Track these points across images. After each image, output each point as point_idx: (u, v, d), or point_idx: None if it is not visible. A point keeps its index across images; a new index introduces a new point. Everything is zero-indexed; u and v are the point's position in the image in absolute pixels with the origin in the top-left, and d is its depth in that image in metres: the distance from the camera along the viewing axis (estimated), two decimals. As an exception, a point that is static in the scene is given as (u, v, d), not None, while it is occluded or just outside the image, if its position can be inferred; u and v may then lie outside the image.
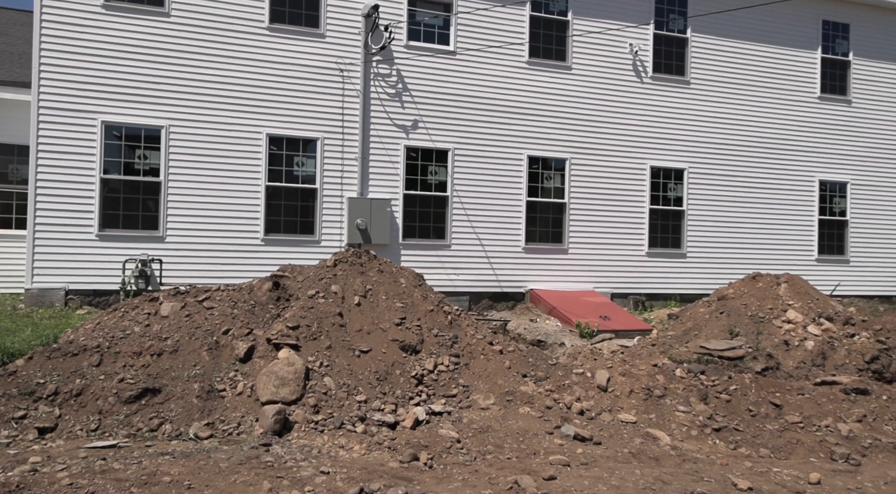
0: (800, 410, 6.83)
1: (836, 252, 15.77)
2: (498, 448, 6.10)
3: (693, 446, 6.33)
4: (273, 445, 5.88)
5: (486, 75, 13.02)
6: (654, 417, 6.79)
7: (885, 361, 9.83)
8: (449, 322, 8.39)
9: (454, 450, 6.01)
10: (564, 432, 6.45)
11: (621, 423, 6.74)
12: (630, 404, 7.01)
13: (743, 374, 7.47)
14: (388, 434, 6.35)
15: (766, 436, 6.50)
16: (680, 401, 6.93)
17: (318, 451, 5.90)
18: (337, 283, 8.28)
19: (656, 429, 6.58)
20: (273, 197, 11.77)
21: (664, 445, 6.28)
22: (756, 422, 6.72)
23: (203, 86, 11.32)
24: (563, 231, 13.56)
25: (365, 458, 5.83)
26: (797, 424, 6.63)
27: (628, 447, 6.20)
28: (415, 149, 12.62)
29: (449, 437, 6.23)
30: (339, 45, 12.10)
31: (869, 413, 6.71)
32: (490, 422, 6.64)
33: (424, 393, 7.44)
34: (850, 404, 6.89)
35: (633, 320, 12.12)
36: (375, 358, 7.61)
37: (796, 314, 10.85)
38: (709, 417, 6.74)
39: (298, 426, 6.41)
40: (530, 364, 7.96)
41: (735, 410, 6.89)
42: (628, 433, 6.53)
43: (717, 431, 6.54)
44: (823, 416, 6.75)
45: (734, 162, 14.89)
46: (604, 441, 6.36)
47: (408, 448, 5.96)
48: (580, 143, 13.67)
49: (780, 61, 15.30)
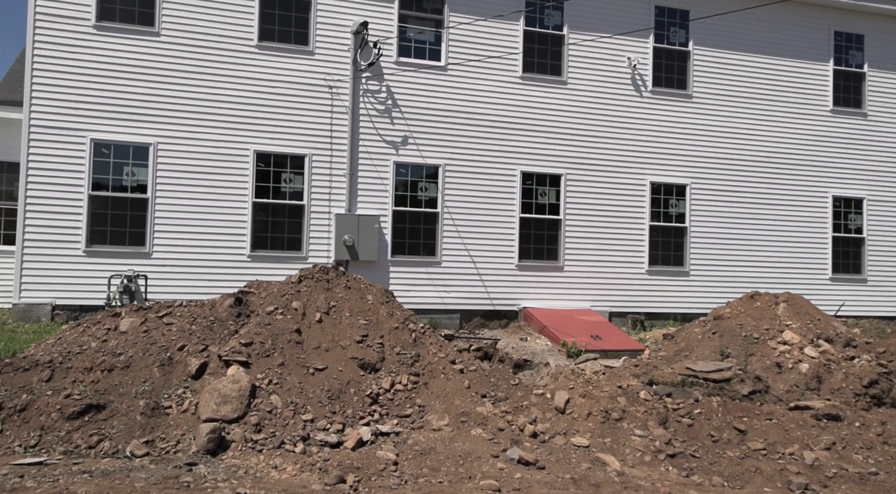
0: (765, 436, 6.44)
1: (851, 271, 15.14)
2: (434, 471, 5.87)
3: (642, 472, 6.01)
4: (199, 464, 5.76)
5: (479, 91, 12.89)
6: (609, 441, 6.49)
7: (885, 386, 9.31)
8: (413, 339, 8.21)
9: (387, 473, 5.80)
10: (509, 455, 6.19)
11: (573, 447, 6.45)
12: (586, 427, 6.72)
13: (711, 398, 7.11)
14: (326, 454, 6.17)
15: (724, 463, 6.14)
16: (638, 425, 6.61)
17: (245, 472, 5.75)
18: (299, 300, 8.17)
19: (607, 454, 6.28)
20: (260, 213, 11.78)
21: (611, 471, 5.97)
22: (716, 448, 6.36)
23: (192, 104, 11.43)
24: (558, 248, 13.28)
25: (292, 479, 5.66)
26: (759, 451, 6.26)
27: (572, 472, 5.92)
28: (405, 165, 12.52)
29: (386, 459, 6.03)
30: (329, 62, 12.12)
31: (839, 441, 6.30)
32: (436, 444, 6.42)
33: (378, 412, 7.26)
34: (821, 430, 6.48)
35: (625, 340, 11.76)
36: (330, 376, 7.46)
37: (793, 335, 10.40)
38: (666, 442, 6.41)
39: (235, 445, 6.28)
40: (491, 384, 7.72)
41: (696, 435, 6.54)
42: (577, 457, 6.24)
43: (672, 457, 6.21)
44: (790, 443, 6.35)
45: (741, 177, 14.45)
46: (549, 465, 6.09)
47: (339, 469, 5.78)
48: (576, 159, 13.42)
49: (789, 74, 14.86)
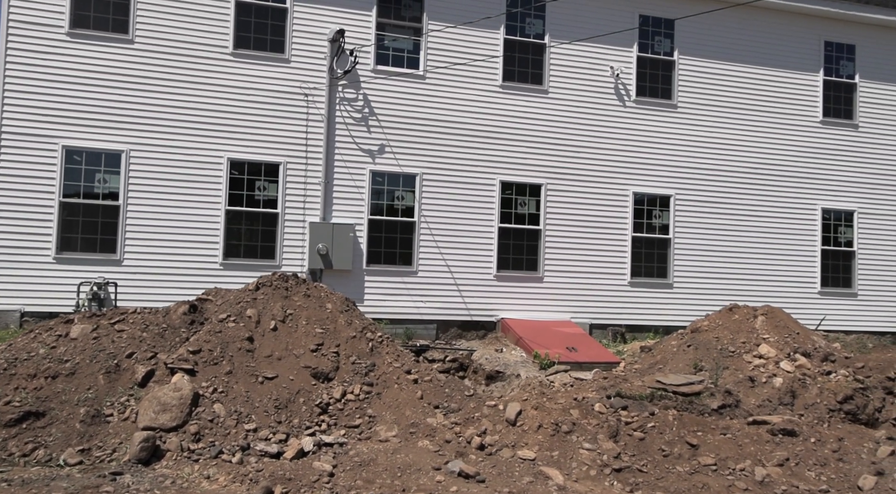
0: (717, 451, 6.23)
1: (841, 284, 14.86)
2: (368, 483, 5.70)
3: (585, 487, 5.81)
4: (125, 474, 5.62)
5: (458, 99, 12.79)
6: (557, 454, 6.30)
7: (861, 402, 9.06)
8: (371, 349, 8.07)
9: (319, 485, 5.64)
10: (450, 468, 6.01)
11: (519, 460, 6.26)
12: (536, 439, 6.53)
13: (668, 411, 6.90)
14: (262, 465, 6.02)
15: (671, 478, 5.93)
16: (587, 438, 6.42)
17: (173, 482, 5.60)
18: (254, 307, 8.05)
19: (552, 468, 6.08)
20: (233, 221, 11.69)
21: (552, 485, 5.78)
22: (666, 463, 6.15)
23: (165, 111, 11.39)
24: (538, 258, 13.11)
25: (219, 490, 5.51)
26: (710, 466, 6.04)
27: (512, 486, 5.73)
28: (381, 173, 12.42)
29: (321, 470, 5.86)
30: (305, 70, 12.07)
31: (793, 457, 6.08)
32: (378, 456, 6.25)
33: (326, 422, 7.11)
34: (775, 446, 6.26)
35: (602, 352, 11.55)
36: (280, 384, 7.32)
37: (769, 349, 10.16)
38: (615, 456, 6.21)
39: (171, 454, 6.14)
40: (446, 395, 7.55)
41: (647, 449, 6.33)
42: (521, 470, 6.05)
43: (618, 471, 6.00)
44: (742, 459, 6.13)
45: (727, 188, 14.24)
46: (490, 478, 5.90)
47: (270, 480, 5.62)
48: (557, 169, 13.27)
49: (777, 84, 14.68)
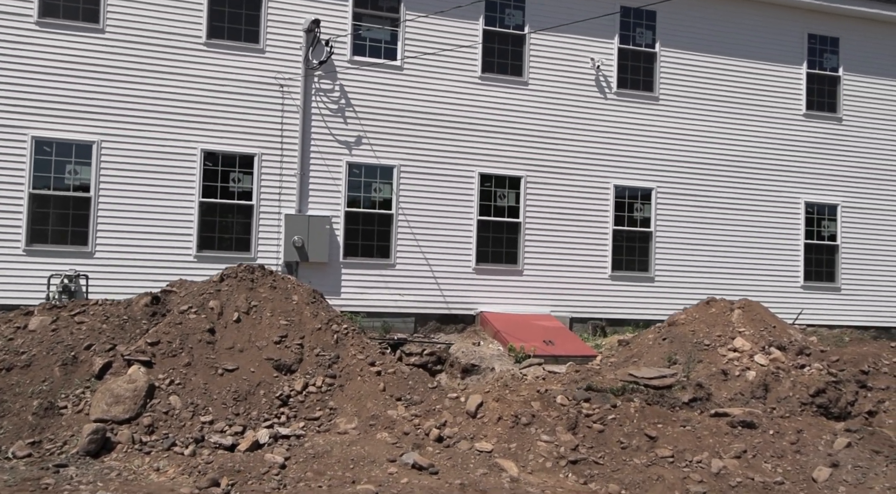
0: (675, 443, 6.15)
1: (825, 279, 14.78)
2: (319, 475, 5.62)
3: (539, 479, 5.73)
4: (70, 466, 5.52)
5: (436, 91, 12.67)
6: (514, 446, 6.21)
7: (833, 395, 8.98)
8: (336, 341, 7.97)
9: (268, 476, 5.55)
10: (405, 460, 5.93)
11: (476, 452, 6.18)
12: (495, 431, 6.44)
13: (630, 403, 6.82)
14: (214, 457, 5.93)
15: (627, 470, 5.85)
16: (546, 430, 6.33)
17: (119, 474, 5.51)
18: (218, 299, 7.94)
19: (507, 460, 6.00)
20: (207, 213, 11.57)
21: (505, 477, 5.70)
22: (624, 455, 6.07)
23: (137, 102, 11.27)
24: (517, 251, 13.01)
25: (164, 482, 5.42)
26: (667, 458, 5.96)
27: (464, 477, 5.65)
28: (358, 165, 12.31)
29: (272, 462, 5.78)
30: (280, 61, 11.94)
31: (750, 449, 5.99)
32: (333, 447, 6.16)
33: (285, 414, 7.02)
34: (733, 438, 6.18)
35: (579, 346, 11.46)
36: (240, 377, 7.22)
37: (744, 342, 10.08)
38: (573, 448, 6.13)
39: (121, 446, 6.05)
40: (409, 387, 7.46)
41: (606, 441, 6.25)
42: (476, 462, 5.97)
43: (574, 463, 5.92)
44: (700, 451, 6.05)
45: (709, 182, 14.14)
46: (444, 470, 5.82)
47: (218, 472, 5.53)
48: (537, 161, 13.16)
49: (760, 77, 14.57)
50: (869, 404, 8.89)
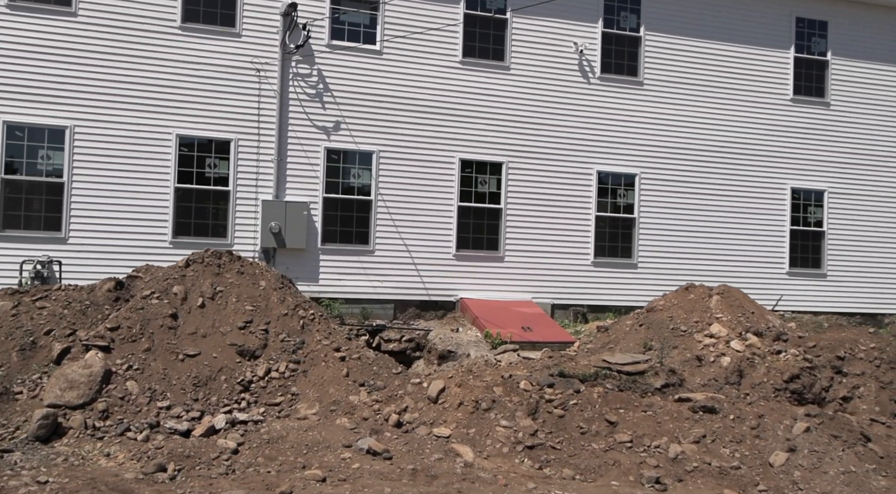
0: (635, 428, 6.07)
1: (810, 265, 14.67)
2: (270, 460, 5.54)
3: (493, 464, 5.65)
4: (15, 452, 5.45)
5: (416, 75, 12.53)
6: (473, 431, 6.14)
7: (807, 381, 8.91)
8: (302, 326, 7.89)
9: (218, 462, 5.48)
10: (359, 445, 5.86)
11: (434, 437, 6.11)
12: (455, 417, 6.37)
13: (594, 389, 6.73)
14: (165, 442, 5.85)
15: (584, 455, 5.78)
16: (506, 416, 6.25)
17: (66, 459, 5.44)
18: (182, 284, 7.85)
19: (464, 445, 5.93)
20: (183, 199, 11.47)
21: (459, 462, 5.62)
22: (583, 440, 5.99)
23: (111, 86, 11.14)
24: (498, 238, 12.91)
25: (111, 468, 5.34)
26: (625, 443, 5.88)
27: (417, 463, 5.57)
28: (336, 151, 12.19)
29: (224, 447, 5.71)
30: (256, 45, 11.80)
31: (710, 434, 5.91)
32: (290, 433, 6.09)
33: (246, 400, 6.94)
34: (694, 423, 6.09)
35: (557, 332, 11.38)
36: (202, 362, 7.15)
37: (721, 328, 9.99)
38: (532, 433, 6.05)
39: (73, 432, 5.97)
40: (373, 372, 7.38)
41: (566, 426, 6.17)
42: (432, 448, 5.90)
43: (531, 448, 5.85)
44: (660, 436, 5.97)
45: (694, 167, 14.01)
46: (398, 455, 5.75)
47: (168, 458, 5.46)
48: (519, 147, 13.03)
49: (747, 61, 14.40)
50: (844, 390, 8.83)
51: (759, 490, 5.18)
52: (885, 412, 8.24)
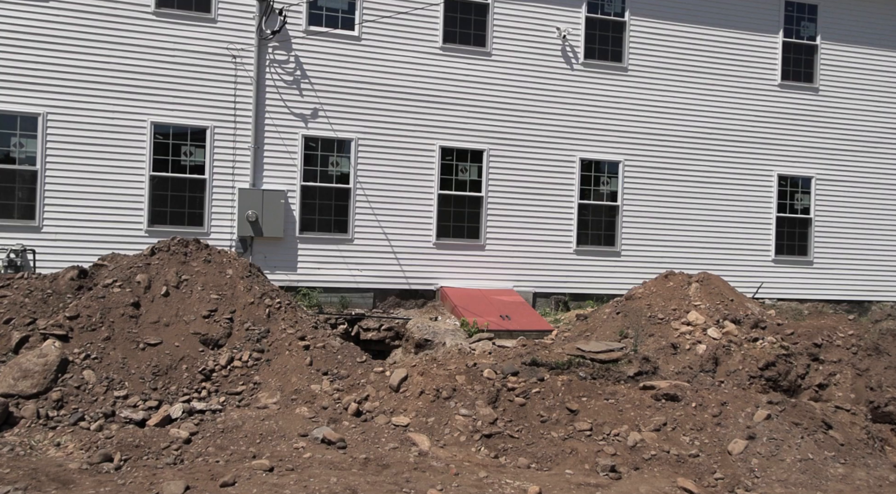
0: (596, 417, 5.97)
1: (797, 252, 14.54)
2: (220, 450, 5.46)
3: (449, 452, 5.56)
4: (-41, 440, 5.36)
5: (395, 62, 12.37)
6: (432, 420, 6.05)
7: (783, 368, 8.83)
8: (268, 315, 7.79)
9: (167, 452, 5.39)
10: (314, 435, 5.77)
11: (392, 426, 6.02)
12: (416, 406, 6.28)
13: (558, 377, 6.63)
14: (116, 432, 5.76)
15: (542, 444, 5.68)
16: (466, 404, 6.16)
17: (12, 449, 5.35)
18: (147, 273, 7.75)
19: (421, 434, 5.84)
20: (159, 187, 11.36)
21: (414, 451, 5.53)
22: (542, 429, 5.90)
23: (84, 73, 11.00)
24: (479, 226, 12.79)
25: (58, 458, 5.26)
26: (584, 431, 5.79)
27: (371, 452, 5.48)
28: (314, 138, 12.05)
29: (177, 437, 5.63)
30: (232, 31, 11.64)
31: (670, 422, 5.81)
32: (246, 422, 6.01)
33: (207, 389, 6.85)
34: (656, 411, 5.99)
35: (535, 320, 11.28)
36: (163, 351, 7.05)
37: (698, 315, 9.90)
38: (491, 422, 5.96)
39: (24, 421, 5.89)
40: (337, 361, 7.29)
41: (526, 415, 6.08)
42: (388, 436, 5.81)
43: (488, 437, 5.75)
44: (620, 424, 5.87)
45: (679, 154, 13.86)
46: (353, 445, 5.66)
47: (117, 447, 5.37)
48: (500, 134, 12.89)
49: (734, 46, 14.21)
50: (820, 377, 8.75)
51: (715, 478, 5.08)
52: (860, 399, 8.15)
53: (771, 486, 4.87)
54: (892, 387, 7.94)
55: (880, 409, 7.81)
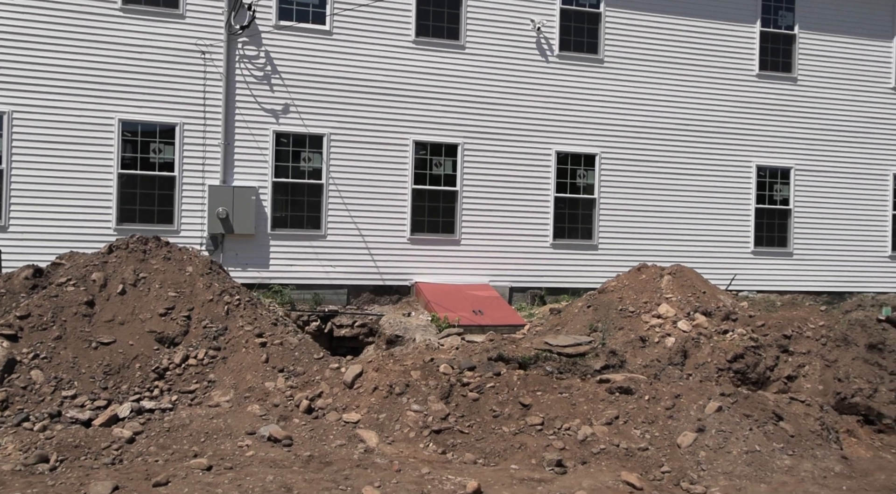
0: (548, 411, 5.89)
1: (777, 244, 14.47)
2: (162, 449, 5.37)
3: (396, 449, 5.48)
4: None
5: (367, 56, 12.26)
6: (384, 416, 5.96)
7: (751, 360, 8.75)
8: (226, 312, 7.70)
9: (107, 452, 5.31)
10: (261, 433, 5.68)
11: (342, 423, 5.93)
12: (368, 402, 6.19)
13: (515, 371, 6.55)
14: (61, 432, 5.67)
15: (492, 439, 5.60)
16: (418, 400, 6.07)
17: (-53, 451, 5.26)
18: (103, 271, 7.65)
19: (369, 430, 5.76)
20: (128, 185, 11.25)
21: (360, 448, 5.45)
22: (494, 424, 5.82)
23: (50, 70, 10.88)
24: (455, 221, 12.69)
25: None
26: (535, 426, 5.70)
27: (316, 449, 5.40)
28: (286, 134, 11.95)
29: (119, 437, 5.54)
30: (201, 26, 11.52)
31: (623, 415, 5.73)
32: (194, 421, 5.92)
33: (159, 388, 6.76)
34: (608, 404, 5.91)
35: (508, 315, 11.20)
36: (116, 350, 6.96)
37: (669, 308, 9.83)
38: (442, 417, 5.87)
39: (-34, 422, 5.79)
40: (294, 358, 7.20)
41: (479, 410, 6.00)
42: (337, 433, 5.73)
43: (438, 433, 5.67)
44: (572, 418, 5.79)
45: (656, 146, 13.77)
46: (300, 442, 5.58)
47: (56, 448, 5.28)
48: (475, 128, 12.79)
49: (711, 36, 14.12)
50: (789, 369, 8.67)
51: (662, 472, 5.00)
52: (828, 390, 8.07)
53: (716, 479, 4.79)
54: (859, 378, 7.87)
55: (846, 400, 7.73)
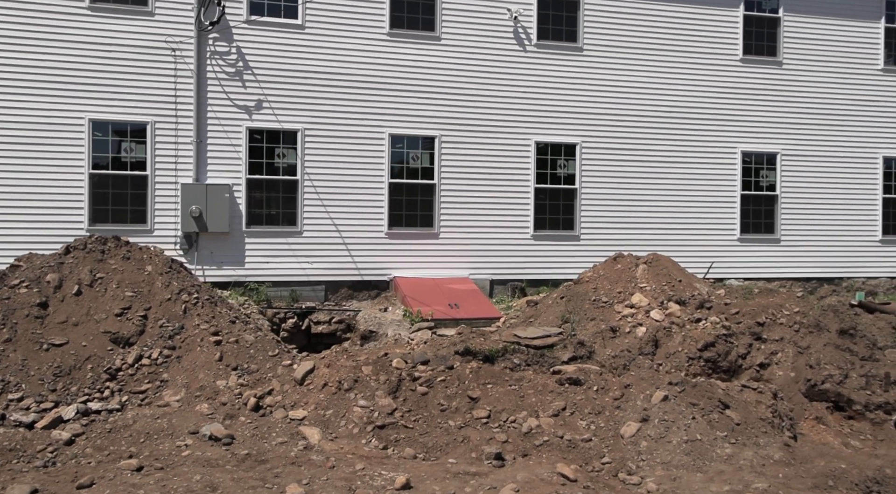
0: (495, 404, 5.77)
1: (763, 230, 14.26)
2: (98, 451, 5.30)
3: (336, 446, 5.38)
4: None
5: (341, 50, 12.14)
6: (330, 413, 5.87)
7: (722, 349, 8.60)
8: (183, 311, 7.62)
9: (42, 454, 5.24)
10: (203, 432, 5.60)
11: (288, 420, 5.85)
12: (317, 399, 6.10)
13: (468, 364, 6.43)
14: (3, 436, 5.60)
15: (436, 433, 5.50)
16: (366, 395, 5.97)
17: None
18: (58, 272, 7.59)
19: (313, 427, 5.66)
20: (99, 185, 11.19)
21: (301, 445, 5.36)
22: (440, 418, 5.71)
23: (16, 70, 10.82)
24: (433, 214, 12.57)
25: (-74, 463, 5.10)
26: (481, 419, 5.60)
27: (255, 447, 5.31)
28: (259, 130, 11.85)
29: (58, 439, 5.48)
30: (170, 23, 11.43)
31: (570, 406, 5.61)
32: (138, 421, 5.84)
33: (111, 388, 6.69)
34: (557, 396, 5.79)
35: (485, 308, 11.08)
36: (68, 351, 6.89)
37: (642, 297, 9.68)
38: (389, 412, 5.77)
39: None
40: (249, 356, 7.11)
41: (427, 404, 5.89)
42: (280, 431, 5.64)
43: (381, 428, 5.57)
44: (520, 410, 5.68)
45: (639, 134, 13.58)
46: (241, 440, 5.49)
47: (-9, 451, 5.21)
48: (452, 119, 12.65)
49: (693, 21, 13.90)
50: (761, 356, 8.52)
51: (602, 463, 4.88)
52: (799, 377, 7.92)
53: (654, 469, 4.67)
54: (830, 364, 7.71)
55: (816, 387, 7.58)
